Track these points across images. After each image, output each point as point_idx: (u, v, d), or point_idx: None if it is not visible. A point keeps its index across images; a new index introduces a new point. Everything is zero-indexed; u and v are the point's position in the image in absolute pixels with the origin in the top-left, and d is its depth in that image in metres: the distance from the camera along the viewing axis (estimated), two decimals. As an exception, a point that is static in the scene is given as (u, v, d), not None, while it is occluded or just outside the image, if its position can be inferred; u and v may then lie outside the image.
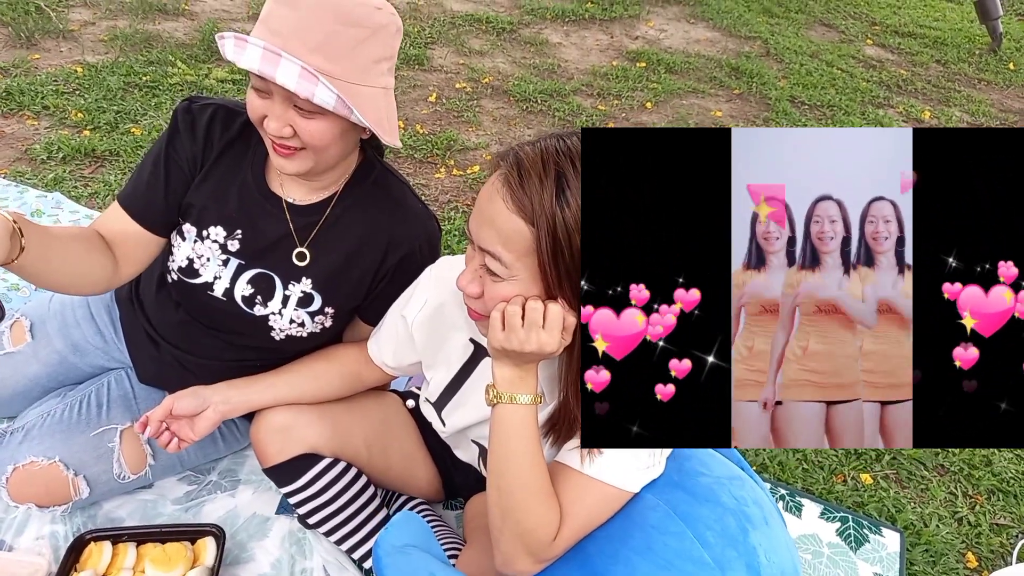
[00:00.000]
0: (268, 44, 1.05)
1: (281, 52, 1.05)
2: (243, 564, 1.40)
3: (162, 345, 1.43)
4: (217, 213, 1.29)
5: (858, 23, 5.81)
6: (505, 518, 1.00)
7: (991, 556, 1.67)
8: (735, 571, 0.99)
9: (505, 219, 0.90)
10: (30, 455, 1.33)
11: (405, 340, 1.28)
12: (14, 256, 1.02)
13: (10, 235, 1.00)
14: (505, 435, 0.99)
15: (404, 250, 1.32)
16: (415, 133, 3.25)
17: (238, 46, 1.06)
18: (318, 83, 1.06)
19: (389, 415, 1.45)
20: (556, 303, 0.92)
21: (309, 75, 1.05)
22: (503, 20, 4.73)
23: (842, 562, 1.56)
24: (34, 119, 2.88)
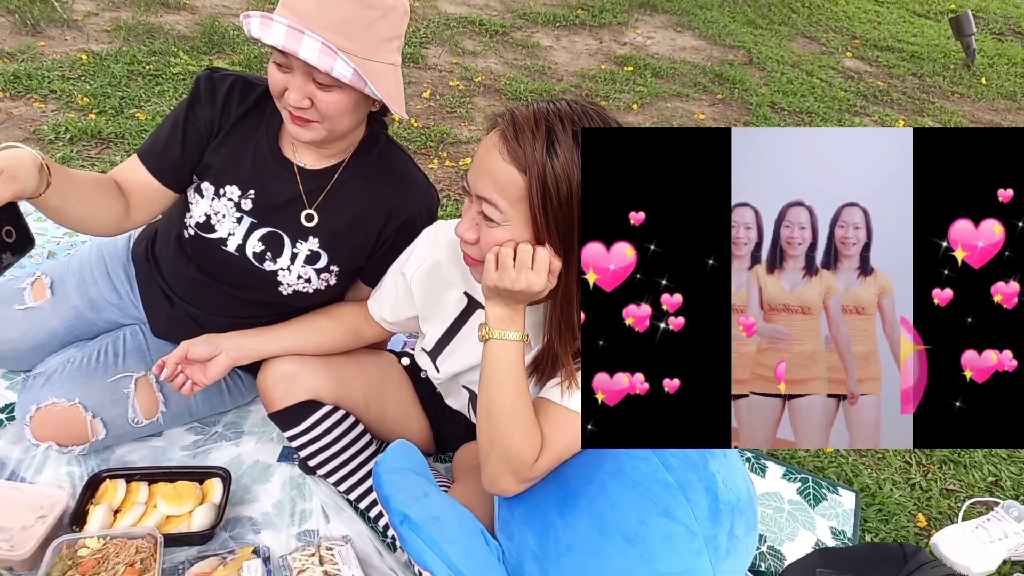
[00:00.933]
0: (292, 22, 1.17)
1: (304, 29, 1.17)
2: (247, 504, 1.50)
3: (175, 301, 1.54)
4: (233, 174, 1.41)
5: (839, 36, 6.01)
6: (493, 442, 1.12)
7: (939, 517, 1.80)
8: (695, 492, 1.12)
9: (501, 169, 1.02)
10: (52, 396, 1.43)
11: (404, 295, 1.40)
12: (41, 190, 1.14)
13: (38, 170, 1.12)
14: (495, 368, 1.11)
15: (405, 216, 1.44)
16: (410, 126, 3.37)
17: (264, 24, 1.18)
18: (336, 58, 1.18)
19: (386, 370, 1.57)
20: (544, 248, 1.05)
21: (329, 50, 1.17)
22: (496, 23, 4.87)
23: (801, 516, 1.69)
24: (41, 102, 2.98)
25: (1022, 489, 1.92)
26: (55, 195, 1.16)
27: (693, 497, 1.12)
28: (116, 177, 1.38)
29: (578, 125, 1.02)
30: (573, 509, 1.12)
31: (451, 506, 1.17)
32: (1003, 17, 7.24)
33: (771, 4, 6.42)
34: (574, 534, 1.10)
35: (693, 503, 1.11)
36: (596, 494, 1.11)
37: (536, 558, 1.12)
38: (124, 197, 1.37)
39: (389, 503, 1.10)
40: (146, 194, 1.39)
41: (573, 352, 1.14)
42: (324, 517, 1.49)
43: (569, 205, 1.02)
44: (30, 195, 1.12)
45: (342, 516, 1.49)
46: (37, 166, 1.11)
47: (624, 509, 1.10)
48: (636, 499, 1.10)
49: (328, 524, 1.48)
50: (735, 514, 1.15)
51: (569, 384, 1.14)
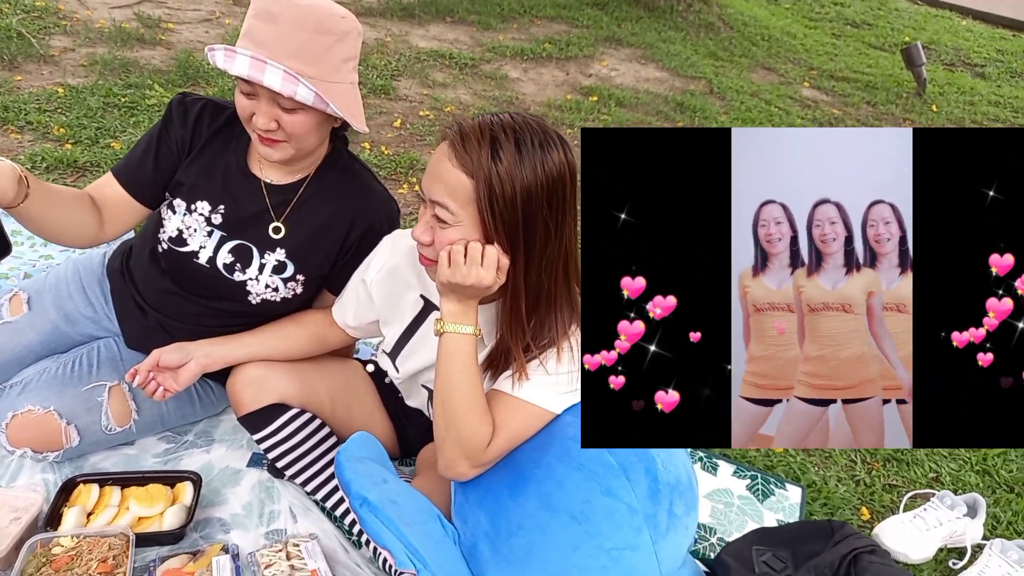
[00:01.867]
0: (255, 53, 1.27)
1: (266, 60, 1.27)
2: (217, 506, 1.56)
3: (149, 312, 1.61)
4: (204, 190, 1.49)
5: (797, 68, 6.26)
6: (448, 428, 1.20)
7: (882, 510, 1.89)
8: (636, 472, 1.21)
9: (451, 174, 1.13)
10: (28, 404, 1.49)
11: (365, 301, 1.48)
12: (20, 200, 1.22)
13: (17, 181, 1.20)
14: (449, 359, 1.20)
15: (366, 226, 1.54)
16: (380, 154, 3.48)
17: (228, 56, 1.28)
18: (299, 83, 1.28)
19: (351, 375, 1.65)
20: (492, 246, 1.14)
21: (291, 77, 1.28)
22: (466, 56, 5.02)
23: (749, 510, 1.77)
24: (18, 133, 3.05)
25: (960, 484, 2.02)
26: (33, 205, 1.24)
27: (634, 477, 1.20)
28: (91, 192, 1.46)
29: (520, 135, 1.13)
30: (523, 491, 1.20)
31: (409, 492, 1.24)
32: (954, 49, 7.57)
33: (732, 38, 6.67)
34: (524, 513, 1.18)
35: (634, 483, 1.20)
36: (544, 476, 1.20)
37: (489, 538, 1.20)
38: (98, 211, 1.45)
39: (349, 488, 1.17)
40: (119, 209, 1.47)
41: (523, 346, 1.23)
42: (292, 517, 1.55)
43: (514, 206, 1.12)
44: (8, 204, 1.20)
45: (310, 516, 1.55)
46: (16, 177, 1.19)
47: (570, 489, 1.18)
48: (581, 479, 1.19)
49: (296, 524, 1.54)
50: (674, 494, 1.24)
51: (520, 376, 1.23)
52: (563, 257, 1.19)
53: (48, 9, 4.37)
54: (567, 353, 1.23)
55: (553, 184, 1.13)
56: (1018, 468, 2.10)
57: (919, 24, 8.27)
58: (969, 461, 2.11)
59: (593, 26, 6.21)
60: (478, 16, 5.88)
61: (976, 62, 7.22)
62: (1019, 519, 1.91)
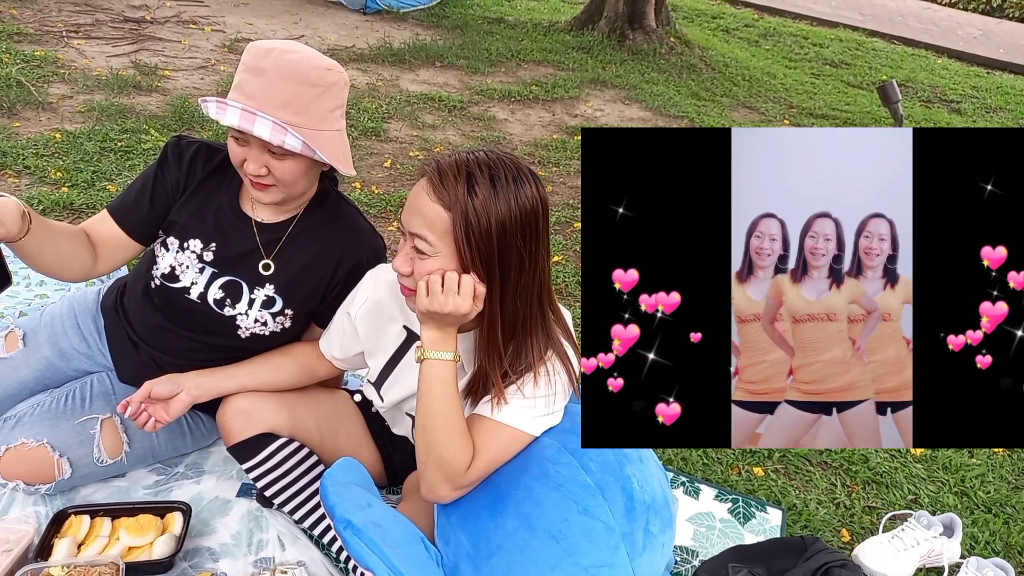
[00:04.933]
0: (245, 105, 1.35)
1: (256, 112, 1.35)
2: (207, 536, 1.59)
3: (141, 347, 1.66)
4: (197, 229, 1.56)
5: (777, 106, 6.43)
6: (429, 452, 1.24)
7: (862, 532, 1.93)
8: (612, 492, 1.25)
9: (429, 208, 1.19)
10: (22, 437, 1.53)
11: (350, 333, 1.54)
12: (22, 235, 1.28)
13: (21, 216, 1.26)
14: (429, 385, 1.25)
15: (353, 262, 1.60)
16: (371, 193, 3.56)
17: (220, 108, 1.36)
18: (287, 133, 1.36)
19: (338, 405, 1.69)
20: (469, 275, 1.21)
21: (279, 127, 1.35)
22: (454, 99, 5.16)
23: (731, 533, 1.81)
24: (15, 177, 3.12)
25: (939, 505, 2.06)
26: (33, 241, 1.30)
27: (610, 496, 1.25)
28: (87, 229, 1.52)
29: (494, 171, 1.20)
30: (502, 511, 1.24)
31: (393, 516, 1.28)
32: (930, 86, 7.78)
33: (714, 78, 6.85)
34: (504, 534, 1.22)
35: (610, 502, 1.24)
36: (523, 497, 1.24)
37: (470, 558, 1.24)
38: (93, 248, 1.51)
39: (334, 511, 1.21)
40: (113, 245, 1.54)
41: (502, 372, 1.28)
42: (280, 545, 1.58)
43: (489, 237, 1.19)
44: (12, 239, 1.26)
45: (298, 544, 1.58)
46: (20, 213, 1.26)
47: (548, 509, 1.22)
48: (559, 499, 1.23)
49: (284, 551, 1.57)
50: (650, 512, 1.28)
51: (498, 400, 1.28)
52: (537, 286, 1.26)
53: (47, 58, 4.49)
54: (543, 377, 1.28)
55: (526, 216, 1.20)
56: (995, 489, 2.14)
57: (896, 63, 8.50)
58: (947, 483, 2.15)
59: (578, 69, 6.38)
60: (467, 61, 6.04)
61: (952, 98, 7.42)
62: (996, 539, 1.95)
